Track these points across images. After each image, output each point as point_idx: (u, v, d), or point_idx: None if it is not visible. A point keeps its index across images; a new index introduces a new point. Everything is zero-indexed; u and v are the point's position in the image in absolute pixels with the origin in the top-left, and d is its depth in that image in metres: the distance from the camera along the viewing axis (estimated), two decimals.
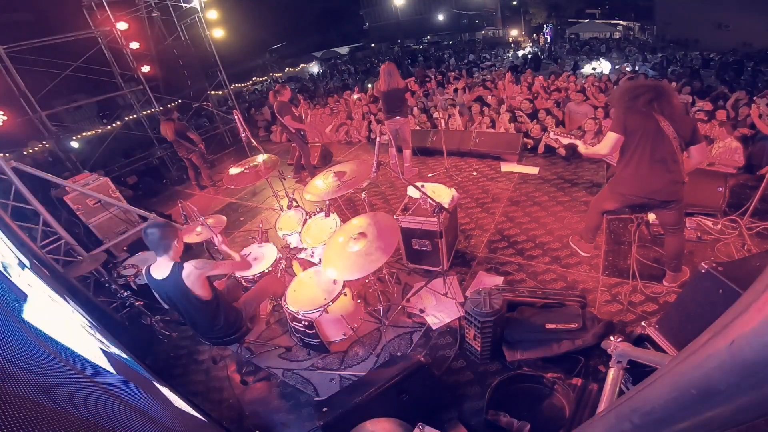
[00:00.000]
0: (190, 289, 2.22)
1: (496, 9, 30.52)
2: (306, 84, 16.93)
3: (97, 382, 1.34)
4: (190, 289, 2.22)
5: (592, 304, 2.91)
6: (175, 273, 2.19)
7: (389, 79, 4.80)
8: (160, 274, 2.23)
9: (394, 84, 4.81)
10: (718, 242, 3.29)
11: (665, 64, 12.51)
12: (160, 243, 2.18)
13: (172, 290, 2.26)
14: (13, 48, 6.07)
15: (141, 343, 3.45)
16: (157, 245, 2.19)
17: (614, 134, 2.56)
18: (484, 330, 2.40)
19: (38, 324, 1.33)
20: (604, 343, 1.76)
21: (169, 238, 2.20)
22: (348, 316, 2.88)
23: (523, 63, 15.72)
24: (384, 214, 2.90)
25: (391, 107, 4.96)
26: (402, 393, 2.20)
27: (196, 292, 2.25)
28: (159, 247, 2.19)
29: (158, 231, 2.17)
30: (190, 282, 2.20)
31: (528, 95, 7.07)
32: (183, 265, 2.20)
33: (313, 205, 3.97)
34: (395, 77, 4.81)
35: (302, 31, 29.10)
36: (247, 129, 3.93)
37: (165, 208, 5.85)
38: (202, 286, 2.26)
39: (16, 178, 3.31)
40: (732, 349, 0.52)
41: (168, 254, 2.22)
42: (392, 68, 4.85)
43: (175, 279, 2.20)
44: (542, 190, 4.67)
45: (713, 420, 0.61)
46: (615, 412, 0.91)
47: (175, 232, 2.25)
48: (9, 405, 0.76)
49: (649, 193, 2.59)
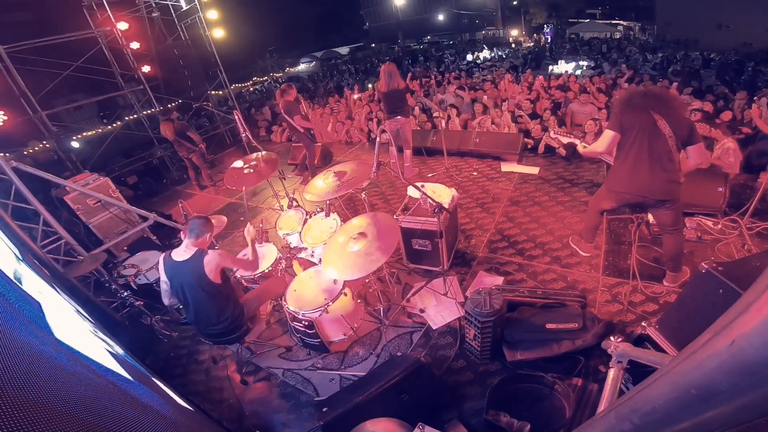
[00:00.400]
0: (206, 275, 2.36)
1: (496, 9, 30.53)
2: (306, 84, 16.92)
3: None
4: (207, 275, 2.36)
5: (593, 304, 2.91)
6: (197, 257, 2.38)
7: (389, 80, 4.81)
8: (181, 257, 2.40)
9: (394, 84, 4.81)
10: (719, 242, 3.29)
11: (665, 64, 12.51)
12: (198, 228, 2.42)
13: (187, 275, 2.39)
14: (14, 48, 6.07)
15: (141, 343, 3.45)
16: (195, 229, 2.42)
17: (611, 132, 2.57)
18: (484, 330, 2.40)
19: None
20: (604, 343, 1.76)
21: (207, 229, 2.48)
22: (348, 316, 2.88)
23: (524, 63, 15.72)
24: (384, 214, 2.90)
25: (392, 107, 4.99)
26: (402, 393, 2.20)
27: (210, 278, 2.38)
28: (194, 231, 2.42)
29: (203, 221, 2.48)
30: (209, 268, 2.36)
31: (528, 95, 7.07)
32: (207, 251, 2.42)
33: (314, 205, 3.97)
34: (396, 78, 4.81)
35: (302, 31, 29.11)
36: (247, 129, 3.93)
37: (165, 208, 5.84)
38: (218, 275, 2.43)
39: (16, 178, 3.31)
40: (732, 349, 0.52)
41: (198, 239, 2.43)
42: (393, 69, 4.85)
43: (195, 262, 2.37)
44: (542, 190, 4.67)
45: (713, 420, 0.61)
46: (615, 412, 0.91)
47: (212, 229, 2.56)
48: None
49: (644, 191, 2.60)
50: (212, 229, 2.56)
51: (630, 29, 24.44)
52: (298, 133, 5.46)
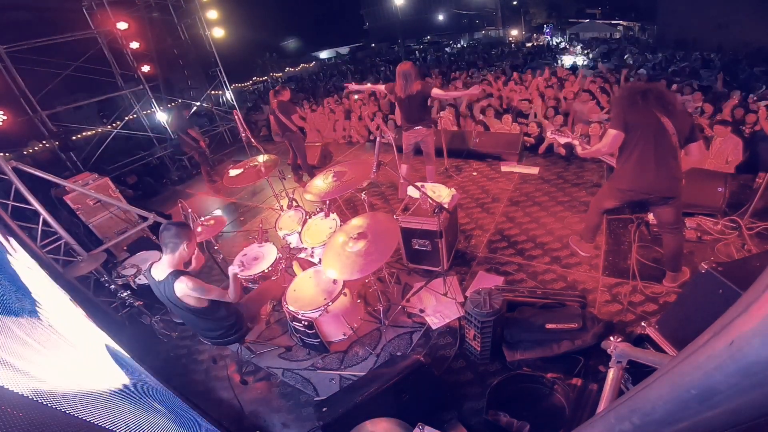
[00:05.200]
0: (179, 298, 2.21)
1: (496, 9, 30.49)
2: (306, 84, 16.92)
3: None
4: (181, 298, 2.21)
5: (592, 304, 2.91)
6: (169, 280, 2.18)
7: (406, 84, 3.93)
8: (159, 275, 2.23)
9: (412, 89, 3.93)
10: (718, 242, 3.29)
11: (665, 64, 12.50)
12: (171, 240, 2.18)
13: (166, 294, 2.25)
14: (13, 48, 6.08)
15: (141, 343, 3.45)
16: (168, 242, 2.18)
17: (614, 131, 2.56)
18: (484, 330, 2.40)
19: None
20: (604, 344, 1.75)
21: (180, 238, 2.19)
22: (348, 316, 2.88)
23: (524, 62, 15.71)
24: (384, 214, 2.90)
25: (411, 116, 4.13)
26: (402, 393, 2.20)
27: (187, 303, 2.24)
28: (168, 245, 2.19)
29: (174, 228, 2.19)
30: (180, 294, 2.20)
31: (527, 95, 7.06)
32: (179, 277, 2.17)
33: (313, 205, 3.96)
34: (413, 80, 3.93)
35: (302, 31, 29.09)
36: (247, 129, 3.93)
37: (165, 208, 5.85)
38: (194, 300, 2.25)
39: (16, 178, 3.31)
40: (732, 349, 0.52)
41: (173, 254, 2.20)
42: (409, 69, 3.94)
43: (167, 286, 2.19)
44: (542, 190, 4.67)
45: (713, 420, 0.61)
46: (615, 412, 0.91)
47: (188, 234, 2.24)
48: None
49: (650, 188, 2.60)
50: (191, 235, 2.26)
51: (630, 29, 24.43)
52: (290, 133, 5.45)
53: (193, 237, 2.31)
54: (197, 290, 2.20)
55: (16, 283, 1.70)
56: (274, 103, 5.31)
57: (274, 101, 5.30)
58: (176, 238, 2.18)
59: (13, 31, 6.34)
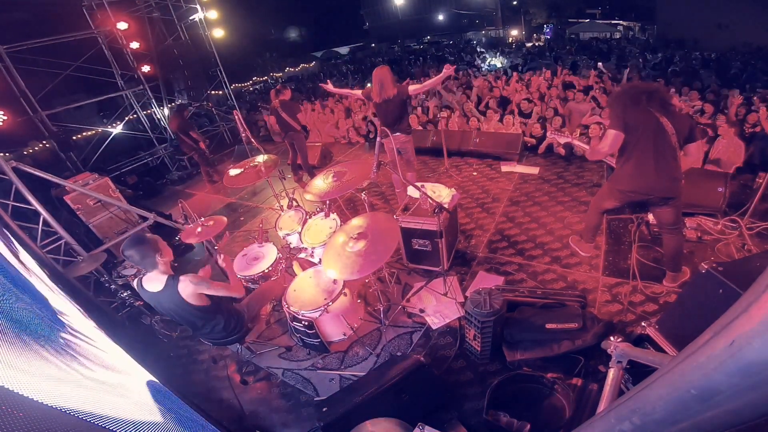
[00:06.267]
0: (186, 300, 2.22)
1: (496, 9, 30.46)
2: (306, 84, 16.92)
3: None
4: (186, 300, 2.22)
5: (592, 304, 2.91)
6: (170, 286, 2.16)
7: (381, 89, 3.82)
8: (154, 288, 2.20)
9: (387, 93, 3.82)
10: (719, 242, 3.29)
11: (665, 64, 12.50)
12: (142, 262, 2.12)
13: (168, 302, 2.25)
14: (13, 48, 6.07)
15: (141, 343, 3.44)
16: (141, 264, 2.13)
17: (614, 132, 2.55)
18: (484, 330, 2.40)
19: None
20: (604, 344, 1.75)
21: (149, 255, 2.10)
22: (348, 316, 2.88)
23: (524, 62, 15.70)
24: (384, 214, 2.90)
25: (387, 120, 3.99)
26: (402, 393, 2.20)
27: (193, 303, 2.26)
28: (144, 266, 2.14)
29: (135, 253, 2.07)
30: (186, 294, 2.20)
31: (527, 95, 7.05)
32: (179, 278, 2.17)
33: (313, 205, 3.96)
34: (388, 85, 3.81)
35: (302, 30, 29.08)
36: (247, 129, 3.94)
37: (165, 208, 5.84)
38: (198, 298, 2.27)
39: (16, 178, 3.31)
40: (732, 349, 0.52)
41: (157, 269, 2.17)
42: (384, 73, 3.84)
43: (170, 292, 2.18)
44: (542, 190, 4.67)
45: (713, 420, 0.61)
46: (615, 412, 0.91)
47: (153, 245, 2.12)
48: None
49: (651, 189, 2.60)
50: (156, 245, 2.13)
51: (630, 29, 24.42)
52: (293, 132, 5.45)
53: (160, 242, 2.19)
54: (201, 285, 2.21)
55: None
56: (276, 103, 5.31)
57: (276, 101, 5.30)
58: (145, 258, 2.10)
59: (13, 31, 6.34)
